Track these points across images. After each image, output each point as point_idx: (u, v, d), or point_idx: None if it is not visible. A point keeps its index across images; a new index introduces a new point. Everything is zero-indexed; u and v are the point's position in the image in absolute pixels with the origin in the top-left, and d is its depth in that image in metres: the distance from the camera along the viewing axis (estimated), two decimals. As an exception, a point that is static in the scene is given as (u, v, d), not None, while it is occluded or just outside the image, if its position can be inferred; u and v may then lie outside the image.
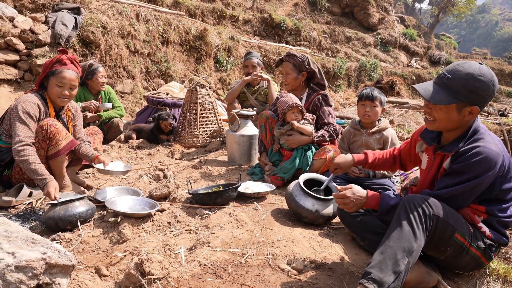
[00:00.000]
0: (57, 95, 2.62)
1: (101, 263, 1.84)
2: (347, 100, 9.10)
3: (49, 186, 2.30)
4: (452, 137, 1.71)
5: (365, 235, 1.91)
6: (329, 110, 3.16)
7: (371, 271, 1.42)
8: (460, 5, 25.75)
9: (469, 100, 1.58)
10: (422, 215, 1.51)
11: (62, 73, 2.60)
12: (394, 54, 17.27)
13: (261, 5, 15.16)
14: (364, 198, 1.74)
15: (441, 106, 1.61)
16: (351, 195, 1.73)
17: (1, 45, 5.23)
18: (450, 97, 1.58)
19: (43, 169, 2.38)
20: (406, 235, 1.47)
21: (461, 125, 1.66)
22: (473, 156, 1.55)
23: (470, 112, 1.61)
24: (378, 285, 1.38)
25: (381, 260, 1.44)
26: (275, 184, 2.84)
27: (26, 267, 1.35)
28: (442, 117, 1.64)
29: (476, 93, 1.57)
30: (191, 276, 1.63)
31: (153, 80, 7.31)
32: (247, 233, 2.04)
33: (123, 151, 4.06)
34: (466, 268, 1.75)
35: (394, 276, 1.41)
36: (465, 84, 1.56)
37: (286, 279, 1.68)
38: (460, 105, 1.59)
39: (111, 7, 6.85)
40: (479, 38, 77.47)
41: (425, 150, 1.89)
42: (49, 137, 2.53)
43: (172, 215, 2.30)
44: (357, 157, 2.16)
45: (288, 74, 3.19)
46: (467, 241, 1.61)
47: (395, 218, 1.55)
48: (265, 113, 3.23)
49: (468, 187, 1.57)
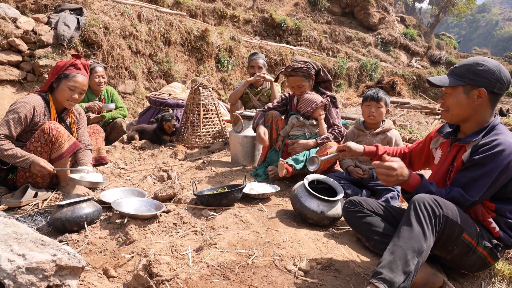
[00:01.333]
0: (67, 98, 2.66)
1: (109, 264, 1.85)
2: (348, 100, 9.11)
3: (38, 161, 2.40)
4: (469, 130, 1.75)
5: (371, 236, 1.92)
6: (336, 112, 3.18)
7: (382, 271, 1.43)
8: (460, 5, 25.76)
9: (475, 82, 1.66)
10: (432, 215, 1.52)
11: (76, 77, 2.65)
12: (395, 54, 17.28)
13: (262, 5, 15.16)
14: (407, 176, 1.70)
15: (449, 91, 1.73)
16: (397, 168, 1.67)
17: (4, 46, 5.25)
18: (456, 80, 1.70)
19: (21, 151, 2.44)
20: (416, 235, 1.48)
21: (473, 112, 1.70)
22: (494, 147, 1.58)
23: (478, 96, 1.67)
24: (388, 285, 1.40)
25: (392, 260, 1.45)
26: (287, 169, 2.81)
27: (37, 268, 1.37)
28: (453, 102, 1.72)
29: (481, 75, 1.65)
30: (199, 278, 1.64)
31: (155, 80, 7.32)
32: (253, 234, 2.06)
33: (126, 151, 4.07)
34: (472, 268, 1.76)
35: (404, 276, 1.42)
36: (469, 68, 1.68)
37: (293, 280, 1.69)
38: (466, 87, 1.68)
39: (113, 7, 6.87)
40: (479, 37, 77.49)
41: (440, 145, 1.92)
42: (52, 141, 2.55)
43: (177, 216, 2.31)
44: (368, 148, 2.20)
45: (303, 87, 3.13)
46: (474, 241, 1.63)
47: (405, 217, 1.56)
48: (271, 113, 3.22)
49: (488, 179, 1.58)
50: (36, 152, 2.54)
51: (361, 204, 2.00)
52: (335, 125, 3.12)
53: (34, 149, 2.54)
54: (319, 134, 3.08)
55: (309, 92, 3.12)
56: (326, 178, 2.51)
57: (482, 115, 1.71)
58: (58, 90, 2.66)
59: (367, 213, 1.97)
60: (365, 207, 1.98)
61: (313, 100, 3.03)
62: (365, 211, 1.97)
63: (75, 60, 2.70)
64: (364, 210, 1.97)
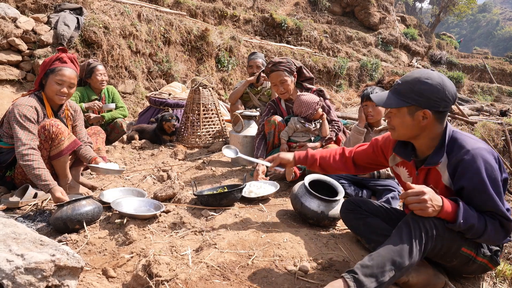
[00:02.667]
0: (56, 93, 2.59)
1: (108, 264, 1.85)
2: (349, 100, 9.10)
3: (55, 191, 2.29)
4: (425, 147, 1.69)
5: (372, 237, 1.90)
6: (329, 105, 3.15)
7: (357, 271, 1.43)
8: (461, 5, 25.74)
9: (419, 103, 1.58)
10: (424, 235, 1.48)
11: (61, 71, 2.58)
12: (395, 54, 17.26)
13: (262, 5, 15.15)
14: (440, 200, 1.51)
15: (394, 112, 1.66)
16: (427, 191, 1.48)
17: (4, 46, 5.24)
18: (400, 100, 1.62)
19: (47, 174, 2.35)
20: (402, 250, 1.45)
21: (420, 132, 1.64)
22: (472, 162, 1.50)
23: (423, 117, 1.59)
24: (358, 285, 1.40)
25: (369, 265, 1.44)
26: (295, 173, 2.75)
27: (36, 269, 1.36)
28: (398, 122, 1.66)
29: (425, 96, 1.56)
30: (198, 278, 1.63)
31: (155, 80, 7.31)
32: (253, 234, 2.05)
33: (126, 151, 4.06)
34: (473, 273, 1.76)
35: (376, 284, 1.41)
36: (412, 87, 1.59)
37: (293, 280, 1.69)
38: (411, 108, 1.60)
39: (113, 7, 6.86)
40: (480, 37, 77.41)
41: (401, 164, 1.85)
42: (52, 137, 2.53)
43: (177, 217, 2.30)
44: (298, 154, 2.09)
45: (285, 82, 3.05)
46: (473, 252, 1.61)
47: (397, 229, 1.54)
48: (274, 119, 3.12)
49: (498, 187, 1.51)
50: None
51: (359, 205, 1.97)
52: (333, 121, 3.10)
53: None
54: (322, 135, 3.05)
55: (303, 93, 3.06)
56: (327, 178, 2.50)
57: (432, 131, 1.63)
58: (47, 86, 2.61)
59: (366, 214, 1.94)
60: (363, 209, 1.95)
61: (312, 101, 2.99)
62: (364, 213, 1.94)
63: (61, 54, 2.64)
64: (362, 212, 1.95)
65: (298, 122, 3.04)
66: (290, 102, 3.23)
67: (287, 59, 3.09)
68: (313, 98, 3.00)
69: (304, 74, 3.20)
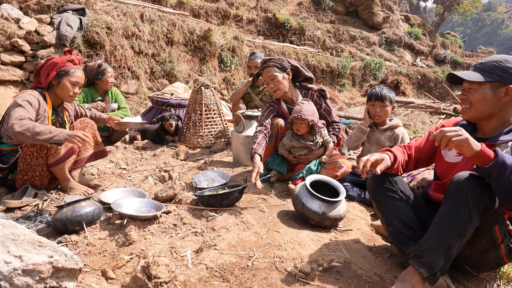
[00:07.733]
0: (69, 94, 2.71)
1: (108, 265, 1.84)
2: (352, 100, 9.06)
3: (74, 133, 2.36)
4: (491, 129, 1.68)
5: (394, 222, 1.78)
6: (330, 106, 3.08)
7: (423, 254, 1.43)
8: (466, 3, 25.53)
9: (503, 79, 1.61)
10: (479, 197, 1.46)
11: (76, 73, 2.72)
12: (399, 53, 17.19)
13: (265, 5, 15.14)
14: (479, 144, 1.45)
15: (475, 87, 1.65)
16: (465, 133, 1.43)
17: (7, 47, 5.27)
18: (484, 75, 1.64)
19: (49, 126, 2.37)
20: (462, 218, 1.45)
21: (497, 110, 1.64)
22: None
23: (505, 94, 1.61)
24: (428, 268, 1.40)
25: (434, 244, 1.44)
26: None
27: (33, 270, 1.35)
28: (478, 98, 1.65)
29: (510, 73, 1.60)
30: (198, 280, 1.62)
31: (158, 80, 7.32)
32: (254, 235, 2.03)
33: (128, 152, 4.06)
34: (484, 267, 1.73)
35: (445, 259, 1.42)
36: (497, 64, 1.63)
37: (294, 282, 1.67)
38: (494, 84, 1.62)
39: (115, 7, 6.87)
40: (485, 36, 76.89)
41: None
42: (47, 146, 2.56)
43: (178, 217, 2.29)
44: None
45: (276, 78, 2.94)
46: (501, 237, 1.60)
47: (450, 198, 1.51)
48: (277, 123, 3.01)
49: None
50: (32, 157, 2.55)
51: (396, 182, 1.84)
52: (334, 122, 3.04)
53: (30, 153, 2.54)
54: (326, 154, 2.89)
55: (305, 101, 2.89)
56: (328, 178, 2.48)
57: (506, 114, 1.65)
58: (59, 87, 2.68)
59: (399, 196, 1.82)
60: (398, 187, 1.83)
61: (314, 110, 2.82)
62: (397, 193, 1.82)
63: (71, 56, 2.75)
64: (397, 191, 1.82)
65: (293, 139, 2.89)
66: (291, 104, 3.11)
67: (279, 57, 3.02)
68: (312, 110, 2.84)
69: (302, 73, 3.10)
